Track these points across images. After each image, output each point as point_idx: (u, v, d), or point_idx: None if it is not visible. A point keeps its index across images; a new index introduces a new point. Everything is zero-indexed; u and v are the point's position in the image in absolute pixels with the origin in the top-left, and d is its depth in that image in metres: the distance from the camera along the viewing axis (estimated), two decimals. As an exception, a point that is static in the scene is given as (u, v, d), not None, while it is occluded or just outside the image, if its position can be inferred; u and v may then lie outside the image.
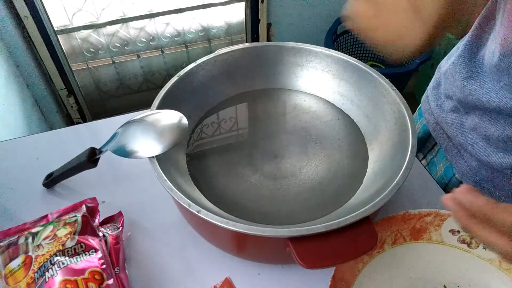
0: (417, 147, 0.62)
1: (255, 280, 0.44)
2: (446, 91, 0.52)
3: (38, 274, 0.37)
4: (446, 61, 0.54)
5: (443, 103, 0.54)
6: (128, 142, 0.44)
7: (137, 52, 1.49)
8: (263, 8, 1.47)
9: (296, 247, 0.34)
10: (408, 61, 1.66)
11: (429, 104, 0.58)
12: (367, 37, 0.38)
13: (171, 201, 0.47)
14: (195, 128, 0.53)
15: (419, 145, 0.63)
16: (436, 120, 0.56)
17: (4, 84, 1.13)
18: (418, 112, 0.64)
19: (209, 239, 0.45)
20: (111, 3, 1.34)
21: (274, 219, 0.43)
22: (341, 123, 0.54)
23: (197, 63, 0.52)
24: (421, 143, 0.63)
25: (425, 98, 0.60)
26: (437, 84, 0.56)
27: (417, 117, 0.64)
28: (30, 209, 0.50)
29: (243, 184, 0.47)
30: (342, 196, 0.46)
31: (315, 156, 0.50)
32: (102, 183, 0.54)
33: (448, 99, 0.52)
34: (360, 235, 0.35)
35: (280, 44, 0.56)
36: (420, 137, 0.62)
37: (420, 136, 0.62)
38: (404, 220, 0.43)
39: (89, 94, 1.54)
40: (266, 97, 0.58)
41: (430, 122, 0.58)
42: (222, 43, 1.59)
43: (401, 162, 0.41)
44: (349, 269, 0.40)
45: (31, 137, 0.61)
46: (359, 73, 0.52)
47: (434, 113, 0.56)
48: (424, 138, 0.62)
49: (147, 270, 0.44)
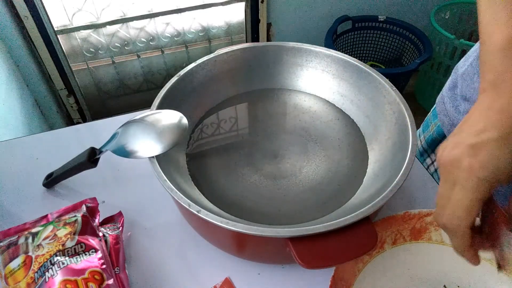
0: (431, 149, 0.62)
1: (255, 280, 0.44)
2: (463, 92, 0.51)
3: (38, 274, 0.37)
4: (463, 63, 0.53)
5: (459, 105, 0.53)
6: (128, 142, 0.44)
7: (137, 52, 1.49)
8: (263, 8, 1.47)
9: (296, 247, 0.34)
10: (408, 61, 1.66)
11: (444, 105, 0.57)
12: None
13: (171, 201, 0.47)
14: (195, 128, 0.53)
15: (432, 146, 0.62)
16: (451, 122, 0.55)
17: (4, 84, 1.13)
18: (432, 113, 0.63)
19: (209, 239, 0.45)
20: (111, 3, 1.34)
21: (274, 219, 0.43)
22: (341, 123, 0.54)
23: (197, 63, 0.52)
24: (435, 144, 0.62)
25: (440, 99, 0.59)
26: (454, 85, 0.55)
27: (431, 118, 0.63)
28: (30, 209, 0.50)
29: (243, 184, 0.47)
30: (342, 196, 0.46)
31: (315, 156, 0.50)
32: (102, 183, 0.54)
33: (465, 101, 0.51)
34: (360, 235, 0.35)
35: (280, 44, 0.56)
36: (434, 138, 0.61)
37: (433, 137, 0.61)
38: (404, 220, 0.43)
39: (89, 94, 1.54)
40: (266, 97, 0.58)
41: (445, 123, 0.57)
42: (222, 43, 1.59)
43: (401, 162, 0.41)
44: (349, 269, 0.40)
45: (31, 137, 0.61)
46: (359, 73, 0.52)
47: (449, 115, 0.55)
48: (438, 140, 0.61)
49: (147, 270, 0.44)
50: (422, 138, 0.65)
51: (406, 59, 1.68)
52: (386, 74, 0.52)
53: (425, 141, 0.64)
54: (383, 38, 1.69)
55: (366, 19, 1.64)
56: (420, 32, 1.56)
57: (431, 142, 0.62)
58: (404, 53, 1.69)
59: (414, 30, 1.58)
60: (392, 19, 1.62)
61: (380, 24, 1.65)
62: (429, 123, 0.64)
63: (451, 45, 1.47)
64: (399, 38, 1.66)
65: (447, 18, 1.65)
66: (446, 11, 1.63)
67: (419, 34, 1.56)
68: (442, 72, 1.58)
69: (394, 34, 1.66)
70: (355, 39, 1.71)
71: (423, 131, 0.66)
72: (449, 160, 0.30)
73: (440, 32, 1.48)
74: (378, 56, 1.76)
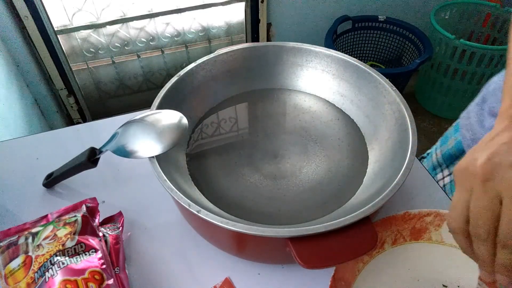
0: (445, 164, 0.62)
1: (255, 280, 0.44)
2: (491, 108, 0.51)
3: (38, 274, 0.37)
4: (498, 77, 0.52)
5: (485, 119, 0.52)
6: (128, 142, 0.44)
7: (137, 52, 1.49)
8: (263, 8, 1.47)
9: (296, 247, 0.34)
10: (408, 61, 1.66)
11: (469, 120, 0.56)
12: None
13: (171, 201, 0.47)
14: (195, 128, 0.53)
15: (447, 161, 0.62)
16: (472, 137, 0.55)
17: (4, 84, 1.13)
18: (454, 128, 0.62)
19: (209, 239, 0.45)
20: (111, 3, 1.34)
21: (274, 219, 0.44)
22: (341, 123, 0.54)
23: (197, 63, 0.52)
24: (450, 160, 0.61)
25: (466, 114, 0.58)
26: (482, 101, 0.54)
27: (452, 132, 0.62)
28: (30, 209, 0.50)
29: (243, 184, 0.47)
30: (342, 196, 0.46)
31: (315, 156, 0.50)
32: (102, 183, 0.54)
33: (492, 117, 0.51)
34: (360, 235, 0.35)
35: (280, 44, 0.56)
36: (451, 153, 0.60)
37: (451, 153, 0.60)
38: (404, 220, 0.43)
39: (89, 94, 1.54)
40: (266, 97, 0.58)
41: (466, 137, 0.56)
42: (222, 43, 1.59)
43: (401, 162, 0.41)
44: (349, 269, 0.40)
45: (31, 137, 0.61)
46: (359, 73, 0.52)
47: (472, 129, 0.55)
48: (455, 156, 0.60)
49: (147, 270, 0.44)
50: (439, 152, 0.64)
51: (406, 59, 1.68)
52: (386, 74, 0.51)
53: (441, 155, 0.63)
54: (383, 38, 1.69)
55: (366, 19, 1.64)
56: (420, 32, 1.56)
57: (448, 157, 0.62)
58: (404, 53, 1.69)
59: (414, 30, 1.58)
60: (392, 19, 1.62)
61: (380, 24, 1.65)
62: (448, 137, 0.63)
63: (451, 45, 1.47)
64: (399, 38, 1.66)
65: (447, 18, 1.65)
66: (446, 11, 1.63)
67: (419, 34, 1.56)
68: (442, 72, 1.58)
69: (394, 34, 1.66)
70: (355, 39, 1.70)
71: (440, 145, 0.65)
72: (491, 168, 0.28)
73: (440, 32, 1.48)
74: (378, 56, 1.76)
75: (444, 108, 1.69)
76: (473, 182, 0.29)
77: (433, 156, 0.66)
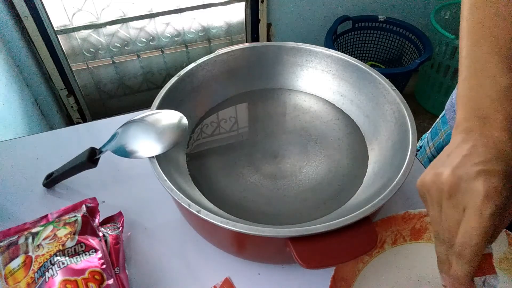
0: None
1: (255, 280, 0.44)
2: None
3: (38, 274, 0.37)
4: None
5: None
6: (128, 142, 0.44)
7: (137, 52, 1.49)
8: (263, 8, 1.47)
9: (296, 247, 0.34)
10: (408, 61, 1.66)
11: (454, 112, 0.55)
12: None
13: (171, 201, 0.47)
14: (195, 128, 0.53)
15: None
16: None
17: (4, 84, 1.13)
18: (441, 120, 0.62)
19: (209, 239, 0.45)
20: (111, 3, 1.34)
21: (274, 219, 0.44)
22: (341, 123, 0.54)
23: (197, 63, 0.52)
24: None
25: (450, 106, 0.57)
26: None
27: (441, 125, 0.61)
28: (30, 209, 0.50)
29: (243, 184, 0.47)
30: (342, 196, 0.46)
31: (315, 156, 0.50)
32: (102, 183, 0.54)
33: None
34: (360, 235, 0.35)
35: (280, 44, 0.56)
36: (444, 145, 0.59)
37: (443, 145, 0.60)
38: (404, 220, 0.43)
39: (89, 94, 1.54)
40: (266, 97, 0.58)
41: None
42: (222, 43, 1.59)
43: (401, 162, 0.41)
44: (349, 269, 0.40)
45: (31, 137, 0.61)
46: (359, 73, 0.52)
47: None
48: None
49: (147, 270, 0.44)
50: (431, 145, 0.64)
51: (406, 59, 1.68)
52: (386, 74, 0.51)
53: (435, 148, 0.62)
54: (383, 38, 1.69)
55: (366, 19, 1.64)
56: (420, 32, 1.56)
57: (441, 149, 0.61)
58: (404, 53, 1.69)
59: (414, 30, 1.58)
60: (392, 19, 1.62)
61: (380, 24, 1.65)
62: (438, 130, 0.62)
63: (451, 45, 1.47)
64: (399, 38, 1.66)
65: (447, 18, 1.65)
66: (446, 11, 1.63)
67: (419, 34, 1.56)
68: (442, 72, 1.58)
69: (394, 34, 1.66)
70: (355, 39, 1.70)
71: (431, 138, 0.64)
72: (456, 182, 0.28)
73: (440, 32, 1.48)
74: (378, 56, 1.76)
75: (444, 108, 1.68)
76: (440, 197, 0.30)
77: (426, 150, 0.66)
